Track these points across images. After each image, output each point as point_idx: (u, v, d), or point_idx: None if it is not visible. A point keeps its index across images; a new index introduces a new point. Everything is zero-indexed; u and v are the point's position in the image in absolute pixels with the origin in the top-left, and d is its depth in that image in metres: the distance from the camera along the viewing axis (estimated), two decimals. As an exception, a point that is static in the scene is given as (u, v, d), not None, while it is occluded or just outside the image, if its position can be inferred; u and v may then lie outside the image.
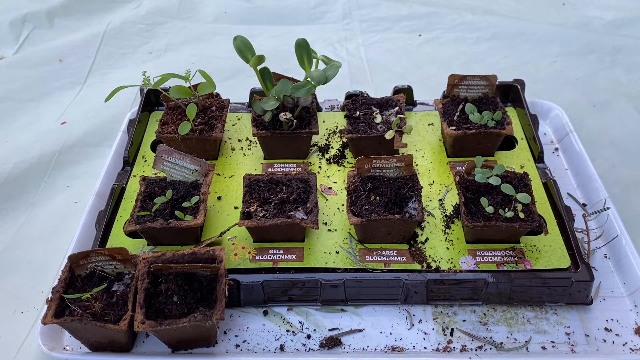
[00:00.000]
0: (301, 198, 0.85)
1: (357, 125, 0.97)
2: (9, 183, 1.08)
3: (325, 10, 1.70)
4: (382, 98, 1.04)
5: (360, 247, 0.85)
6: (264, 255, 0.84)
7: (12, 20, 1.59)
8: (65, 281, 0.75)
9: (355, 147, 0.98)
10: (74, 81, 1.40)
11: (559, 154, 1.09)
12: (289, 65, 1.31)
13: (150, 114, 1.13)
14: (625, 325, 0.81)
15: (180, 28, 1.64)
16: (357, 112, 0.98)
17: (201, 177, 0.88)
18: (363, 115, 0.98)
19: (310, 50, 0.93)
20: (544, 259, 0.82)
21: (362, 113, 0.99)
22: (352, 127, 0.96)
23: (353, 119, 0.98)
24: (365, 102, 1.02)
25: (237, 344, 0.79)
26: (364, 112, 0.99)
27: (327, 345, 0.78)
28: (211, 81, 0.97)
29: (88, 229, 0.90)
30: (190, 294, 0.74)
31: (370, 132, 0.95)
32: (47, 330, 0.78)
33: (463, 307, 0.83)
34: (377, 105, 1.01)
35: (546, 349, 0.78)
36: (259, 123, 0.97)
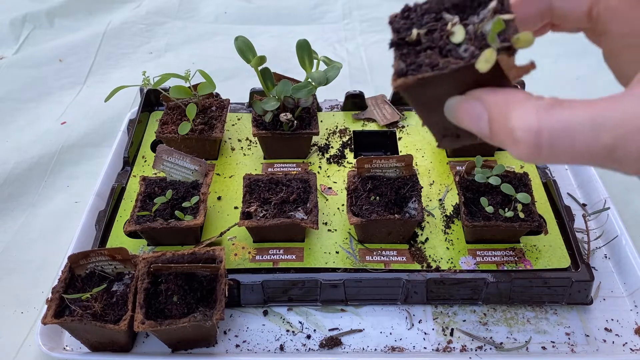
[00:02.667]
0: (301, 198, 0.85)
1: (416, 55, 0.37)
2: (8, 183, 1.08)
3: (325, 10, 1.70)
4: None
5: (360, 247, 0.85)
6: (264, 255, 0.84)
7: (12, 20, 1.59)
8: (65, 281, 0.75)
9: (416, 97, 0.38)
10: (74, 81, 1.40)
11: (559, 154, 1.09)
12: (289, 65, 1.31)
13: (150, 114, 1.13)
14: (626, 325, 0.81)
15: (180, 28, 1.64)
16: (415, 31, 0.37)
17: (201, 177, 0.88)
18: (427, 33, 0.38)
19: (312, 51, 0.93)
20: (544, 258, 0.82)
21: (426, 30, 0.38)
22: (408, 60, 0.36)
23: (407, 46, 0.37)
24: (432, 9, 0.39)
25: (237, 344, 0.79)
26: (427, 28, 0.38)
27: (327, 345, 0.78)
28: (211, 81, 0.97)
29: (88, 229, 0.90)
30: (190, 294, 0.74)
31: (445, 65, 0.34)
32: (47, 330, 0.78)
33: (463, 307, 0.83)
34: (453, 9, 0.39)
35: (546, 349, 0.78)
36: (259, 123, 0.97)
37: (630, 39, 0.35)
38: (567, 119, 0.27)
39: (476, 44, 0.33)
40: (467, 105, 0.32)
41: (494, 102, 0.30)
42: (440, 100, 0.35)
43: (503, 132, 0.29)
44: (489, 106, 0.30)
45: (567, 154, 0.27)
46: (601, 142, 0.26)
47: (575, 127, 0.27)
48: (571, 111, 0.27)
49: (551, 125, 0.27)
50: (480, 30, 0.34)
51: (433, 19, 0.37)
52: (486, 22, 0.34)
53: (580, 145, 0.27)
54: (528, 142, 0.28)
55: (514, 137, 0.28)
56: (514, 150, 0.29)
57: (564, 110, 0.28)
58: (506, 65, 0.31)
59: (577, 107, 0.27)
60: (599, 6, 0.36)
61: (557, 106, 0.28)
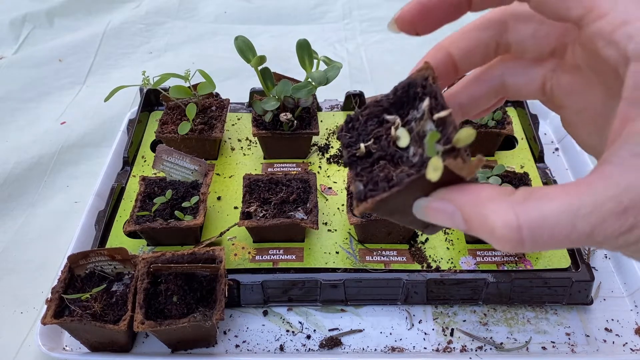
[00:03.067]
0: (301, 198, 0.85)
1: (371, 170, 0.34)
2: (8, 183, 1.08)
3: (325, 10, 1.70)
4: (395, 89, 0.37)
5: (360, 247, 0.85)
6: (264, 255, 0.84)
7: (12, 20, 1.58)
8: (64, 281, 0.75)
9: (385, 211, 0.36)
10: (74, 81, 1.40)
11: (560, 154, 1.09)
12: (289, 65, 1.31)
13: (150, 114, 1.13)
14: (626, 325, 0.80)
15: (180, 28, 1.64)
16: (362, 145, 0.35)
17: (201, 177, 0.88)
18: (375, 141, 0.35)
19: (312, 51, 0.93)
20: (544, 259, 0.82)
21: (373, 138, 0.35)
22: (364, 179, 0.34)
23: (360, 161, 0.35)
24: (372, 114, 0.37)
25: (236, 344, 0.79)
26: (374, 134, 0.36)
27: (327, 345, 0.78)
28: (211, 81, 0.97)
29: (88, 229, 0.90)
30: (190, 294, 0.74)
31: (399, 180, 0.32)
32: (46, 331, 0.77)
33: (463, 307, 0.83)
34: (392, 108, 0.37)
35: (546, 349, 0.78)
36: (259, 123, 0.97)
37: (586, 114, 0.35)
38: (542, 213, 0.27)
39: (423, 148, 0.32)
40: (437, 205, 0.32)
41: (464, 203, 0.30)
42: (409, 205, 0.34)
43: (482, 230, 0.29)
44: (460, 206, 0.30)
45: (549, 244, 0.28)
46: (579, 230, 0.27)
47: (551, 220, 0.27)
48: (545, 203, 0.28)
49: (529, 220, 0.28)
50: (422, 130, 0.33)
51: (377, 124, 0.36)
52: (425, 121, 0.33)
53: (560, 235, 0.27)
54: (510, 238, 0.28)
55: (496, 236, 0.29)
56: (496, 245, 0.29)
57: (538, 202, 0.28)
58: (455, 167, 0.30)
59: (550, 196, 0.28)
60: (552, 82, 0.36)
61: (530, 199, 0.28)
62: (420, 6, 0.34)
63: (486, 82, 0.39)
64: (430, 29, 0.35)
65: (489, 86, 0.39)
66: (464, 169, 0.30)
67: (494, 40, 0.37)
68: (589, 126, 0.36)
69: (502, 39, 0.37)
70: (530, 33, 0.35)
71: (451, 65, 0.38)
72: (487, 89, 0.39)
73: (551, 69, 0.36)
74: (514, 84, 0.38)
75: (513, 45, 0.37)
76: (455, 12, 0.35)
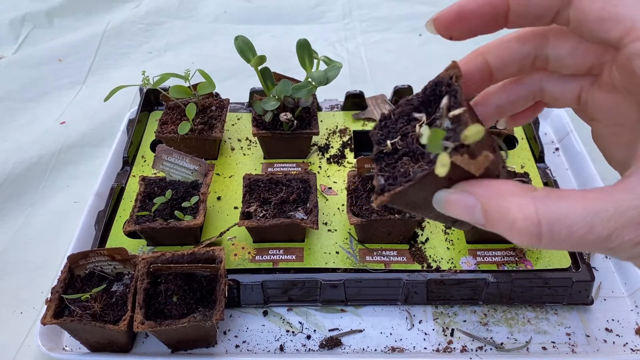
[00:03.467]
0: (301, 198, 0.85)
1: (393, 167, 0.37)
2: (8, 183, 1.08)
3: (325, 10, 1.70)
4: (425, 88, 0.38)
5: (361, 247, 0.85)
6: (264, 255, 0.84)
7: (12, 20, 1.58)
8: (64, 281, 0.75)
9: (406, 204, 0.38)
10: (74, 81, 1.40)
11: (560, 153, 1.09)
12: (289, 65, 1.31)
13: (149, 114, 1.13)
14: (626, 325, 0.80)
15: (180, 28, 1.64)
16: (389, 142, 0.38)
17: (201, 177, 0.88)
18: (402, 138, 0.37)
19: (312, 50, 0.93)
20: (545, 259, 0.82)
21: (400, 136, 0.37)
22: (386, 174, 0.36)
23: (386, 157, 0.37)
24: (403, 112, 0.39)
25: (236, 345, 0.79)
26: (401, 131, 0.38)
27: (327, 345, 0.78)
28: (211, 81, 0.97)
29: (87, 229, 0.90)
30: (190, 294, 0.74)
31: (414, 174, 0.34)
32: (46, 331, 0.77)
33: (463, 308, 0.83)
34: (422, 106, 0.38)
35: (547, 349, 0.78)
36: (259, 123, 0.96)
37: (617, 129, 0.36)
38: (562, 212, 0.28)
39: None
40: (457, 197, 0.32)
41: (486, 195, 0.31)
42: (429, 199, 0.35)
43: (502, 223, 0.30)
44: (481, 198, 0.31)
45: (565, 242, 0.29)
46: (595, 233, 0.28)
47: (570, 219, 0.28)
48: (566, 203, 0.29)
49: (549, 216, 0.28)
50: (441, 127, 0.34)
51: (406, 122, 0.38)
52: (443, 119, 0.34)
53: (576, 235, 0.28)
54: (530, 232, 0.29)
55: (516, 228, 0.29)
56: (514, 237, 0.30)
57: (558, 201, 0.29)
58: (462, 163, 0.30)
59: (571, 198, 0.29)
60: (587, 95, 0.37)
61: (552, 197, 0.29)
62: (458, 11, 0.35)
63: (525, 85, 0.39)
64: (464, 35, 0.36)
65: (528, 89, 0.39)
66: (472, 165, 0.31)
67: (533, 53, 0.37)
68: (619, 141, 0.37)
69: (541, 52, 0.37)
70: (569, 50, 0.36)
71: (487, 72, 0.38)
72: (525, 91, 0.39)
73: (589, 82, 0.37)
74: (551, 90, 0.39)
75: (551, 61, 0.37)
76: (491, 24, 0.35)
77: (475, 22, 0.35)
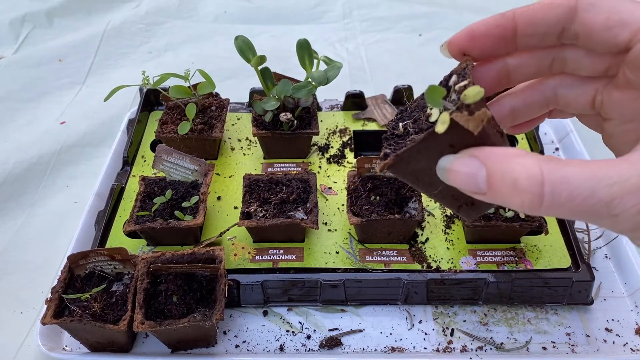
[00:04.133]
0: (301, 198, 0.85)
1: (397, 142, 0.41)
2: (8, 183, 1.08)
3: (325, 10, 1.70)
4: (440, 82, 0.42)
5: (361, 247, 0.85)
6: (264, 255, 0.84)
7: (12, 20, 1.58)
8: (64, 281, 0.75)
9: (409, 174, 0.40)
10: (74, 81, 1.40)
11: (560, 153, 1.09)
12: (289, 65, 1.31)
13: (149, 114, 1.13)
14: (626, 325, 0.80)
15: (180, 28, 1.64)
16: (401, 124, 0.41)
17: (201, 177, 0.88)
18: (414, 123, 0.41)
19: (312, 50, 0.93)
20: (545, 259, 0.82)
21: (412, 120, 0.41)
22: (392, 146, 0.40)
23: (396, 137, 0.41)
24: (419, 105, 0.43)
25: (236, 344, 0.79)
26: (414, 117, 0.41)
27: (327, 345, 0.78)
28: (211, 81, 0.97)
29: (87, 229, 0.90)
30: (190, 294, 0.74)
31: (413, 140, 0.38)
32: (46, 331, 0.77)
33: (463, 307, 0.83)
34: None
35: (547, 349, 0.78)
36: (259, 123, 0.96)
37: (631, 124, 0.38)
38: (566, 174, 0.29)
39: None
40: (461, 161, 0.32)
41: (491, 157, 0.31)
42: (432, 170, 0.36)
43: (504, 184, 0.30)
44: (486, 160, 0.31)
45: (567, 207, 0.29)
46: (597, 197, 0.28)
47: (574, 182, 0.28)
48: (569, 167, 0.29)
49: (553, 177, 0.29)
50: (450, 99, 0.36)
51: (420, 111, 0.40)
52: (451, 93, 0.36)
53: (578, 198, 0.28)
54: (532, 190, 0.29)
55: (517, 187, 0.29)
56: (515, 199, 0.30)
57: (563, 164, 0.29)
58: (461, 119, 0.31)
59: (576, 164, 0.29)
60: (603, 96, 0.38)
61: (557, 161, 0.30)
62: (469, 34, 0.36)
63: (540, 90, 0.40)
64: (477, 56, 0.37)
65: (543, 95, 0.40)
66: (470, 121, 0.31)
67: (551, 55, 0.38)
68: (631, 138, 0.38)
69: (559, 55, 0.38)
70: (585, 52, 0.37)
71: (504, 73, 0.39)
72: (540, 97, 0.40)
73: (603, 83, 0.38)
74: (565, 96, 0.40)
75: (569, 63, 0.38)
76: (501, 46, 0.37)
77: (486, 43, 0.37)
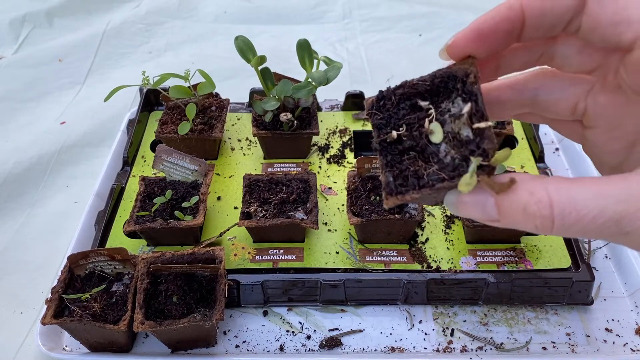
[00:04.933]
0: (301, 198, 0.85)
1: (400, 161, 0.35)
2: (8, 183, 1.08)
3: (325, 10, 1.70)
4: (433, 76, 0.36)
5: (361, 247, 0.85)
6: (264, 255, 0.84)
7: (12, 20, 1.58)
8: (64, 281, 0.75)
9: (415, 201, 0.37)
10: (74, 81, 1.40)
11: (560, 153, 1.09)
12: (289, 65, 1.31)
13: (149, 114, 1.13)
14: (626, 325, 0.80)
15: (180, 28, 1.64)
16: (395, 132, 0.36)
17: (201, 177, 0.88)
18: (407, 129, 0.36)
19: (312, 51, 0.93)
20: (545, 259, 0.82)
21: (405, 125, 0.36)
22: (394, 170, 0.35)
23: (390, 147, 0.36)
24: (405, 96, 0.37)
25: (236, 345, 0.79)
26: (405, 120, 0.36)
27: (327, 345, 0.78)
28: (211, 81, 0.97)
29: (87, 229, 0.90)
30: (190, 295, 0.74)
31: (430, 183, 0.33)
32: (46, 331, 0.77)
33: (463, 308, 0.83)
34: (427, 94, 0.37)
35: (547, 349, 0.77)
36: (259, 123, 0.96)
37: (618, 132, 0.37)
38: (573, 194, 0.29)
39: (456, 150, 0.33)
40: (469, 197, 0.33)
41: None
42: (439, 197, 0.35)
43: (514, 210, 0.30)
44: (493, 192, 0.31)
45: (576, 227, 0.29)
46: (606, 216, 0.28)
47: (581, 202, 0.28)
48: (577, 187, 0.29)
49: (560, 199, 0.29)
50: (458, 132, 0.33)
51: (409, 108, 0.36)
52: (463, 125, 0.33)
53: (587, 219, 0.28)
54: (542, 215, 0.29)
55: (528, 212, 0.29)
56: (529, 224, 0.30)
57: (570, 186, 0.29)
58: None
59: (582, 183, 0.29)
60: (587, 102, 0.38)
61: (563, 182, 0.30)
62: (477, 31, 0.34)
63: (519, 92, 0.40)
64: (482, 54, 0.36)
65: (521, 96, 0.40)
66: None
67: (540, 49, 0.38)
68: (615, 146, 0.37)
69: (548, 50, 0.37)
70: (577, 49, 0.36)
71: (494, 67, 0.39)
72: (517, 98, 0.40)
73: (586, 89, 0.37)
74: (545, 100, 0.39)
75: (557, 58, 0.38)
76: (506, 40, 0.35)
77: (494, 40, 0.35)
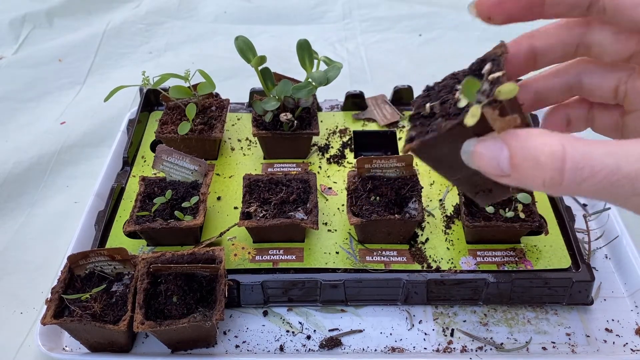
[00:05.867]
0: (301, 198, 0.85)
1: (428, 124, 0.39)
2: (8, 183, 1.08)
3: (325, 10, 1.70)
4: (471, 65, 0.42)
5: (361, 247, 0.85)
6: (264, 255, 0.84)
7: (12, 20, 1.58)
8: (64, 281, 0.75)
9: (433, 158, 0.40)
10: (74, 81, 1.40)
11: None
12: (289, 65, 1.31)
13: (149, 114, 1.13)
14: (626, 325, 0.80)
15: (180, 28, 1.64)
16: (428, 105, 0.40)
17: (201, 177, 0.88)
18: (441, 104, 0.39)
19: (312, 51, 0.93)
20: (545, 259, 0.82)
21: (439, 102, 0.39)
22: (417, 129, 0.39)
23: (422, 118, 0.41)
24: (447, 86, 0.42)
25: (236, 345, 0.79)
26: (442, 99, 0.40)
27: (327, 345, 0.78)
28: (211, 81, 0.97)
29: (87, 229, 0.90)
30: (190, 295, 0.74)
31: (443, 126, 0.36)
32: (46, 331, 0.77)
33: (463, 308, 0.83)
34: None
35: (547, 350, 0.78)
36: (259, 123, 0.97)
37: None
38: (589, 150, 0.28)
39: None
40: (484, 144, 0.33)
41: (515, 137, 0.31)
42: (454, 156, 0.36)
43: (526, 163, 0.30)
44: (509, 140, 0.31)
45: (588, 183, 0.28)
46: (623, 171, 0.27)
47: (596, 157, 0.28)
48: (593, 144, 0.29)
49: (574, 153, 0.28)
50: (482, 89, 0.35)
51: (448, 92, 0.40)
52: (484, 82, 0.35)
53: (601, 175, 0.28)
54: (553, 167, 0.29)
55: (539, 164, 0.29)
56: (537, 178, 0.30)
57: (587, 143, 0.29)
58: (491, 116, 0.32)
59: (598, 142, 0.29)
60: (627, 86, 0.38)
61: (578, 140, 0.30)
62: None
63: (564, 76, 0.41)
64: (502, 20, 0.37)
65: (566, 80, 0.41)
66: (498, 121, 0.31)
67: (576, 40, 0.38)
68: None
69: (584, 40, 0.38)
70: (611, 37, 0.37)
71: (531, 56, 0.39)
72: (563, 83, 0.41)
73: (627, 74, 0.38)
74: (589, 83, 0.40)
75: (593, 48, 0.38)
76: (527, 11, 0.36)
77: (514, 8, 0.36)
